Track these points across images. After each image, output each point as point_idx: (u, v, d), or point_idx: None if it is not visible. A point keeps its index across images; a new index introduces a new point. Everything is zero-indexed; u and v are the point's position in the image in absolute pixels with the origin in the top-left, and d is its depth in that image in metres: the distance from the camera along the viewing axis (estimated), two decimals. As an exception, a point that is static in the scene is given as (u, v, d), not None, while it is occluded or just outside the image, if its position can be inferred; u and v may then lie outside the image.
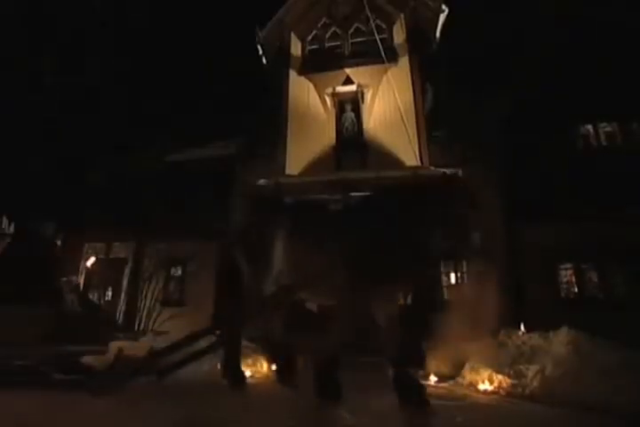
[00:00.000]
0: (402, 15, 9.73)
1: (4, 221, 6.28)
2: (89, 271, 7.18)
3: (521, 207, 8.38)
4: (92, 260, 6.75)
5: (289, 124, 9.47)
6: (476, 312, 3.75)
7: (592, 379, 2.88)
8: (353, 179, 8.19)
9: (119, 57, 12.73)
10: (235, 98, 11.69)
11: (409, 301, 5.15)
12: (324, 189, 8.35)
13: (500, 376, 3.44)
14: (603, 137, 9.99)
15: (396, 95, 9.01)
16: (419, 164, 8.44)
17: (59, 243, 8.44)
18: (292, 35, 10.18)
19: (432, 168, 8.38)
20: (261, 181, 8.67)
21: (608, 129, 9.94)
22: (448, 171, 8.38)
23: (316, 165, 8.88)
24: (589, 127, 10.06)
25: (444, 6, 9.34)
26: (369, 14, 9.48)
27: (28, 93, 11.84)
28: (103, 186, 10.54)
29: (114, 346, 4.25)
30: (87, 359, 3.96)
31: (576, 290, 8.36)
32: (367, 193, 8.13)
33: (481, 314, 3.70)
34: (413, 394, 2.81)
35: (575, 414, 2.61)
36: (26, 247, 7.09)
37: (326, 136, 9.10)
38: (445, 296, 9.84)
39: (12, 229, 6.46)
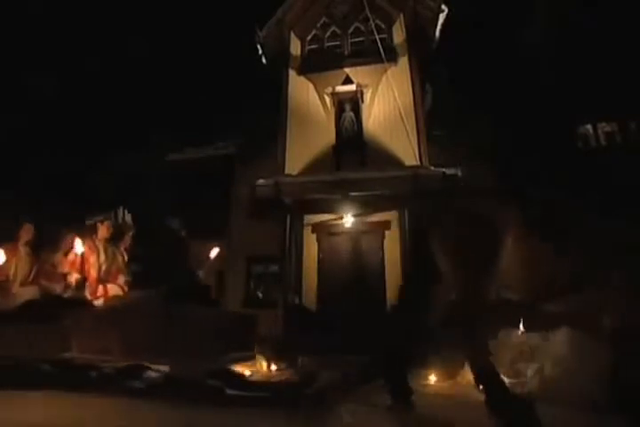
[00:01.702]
0: (401, 15, 9.72)
1: (121, 212, 6.19)
2: (211, 264, 6.87)
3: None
4: (215, 251, 6.53)
5: (288, 123, 9.46)
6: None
7: (591, 378, 2.88)
8: (352, 178, 8.19)
9: (118, 56, 12.72)
10: (234, 98, 11.68)
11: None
12: (323, 189, 8.36)
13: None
14: (602, 137, 10.01)
15: (396, 95, 9.00)
16: (418, 163, 8.43)
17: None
18: (292, 34, 10.16)
19: (432, 168, 8.40)
20: (260, 181, 8.66)
21: (607, 129, 9.95)
22: (447, 170, 8.49)
23: (315, 165, 8.87)
24: (589, 127, 10.08)
25: (443, 6, 9.33)
26: (368, 14, 9.47)
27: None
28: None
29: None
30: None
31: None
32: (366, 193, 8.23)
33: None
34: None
35: (574, 413, 2.62)
36: (168, 243, 7.08)
37: (326, 136, 9.10)
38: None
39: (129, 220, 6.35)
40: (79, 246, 4.82)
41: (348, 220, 8.49)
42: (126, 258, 5.71)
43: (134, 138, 11.56)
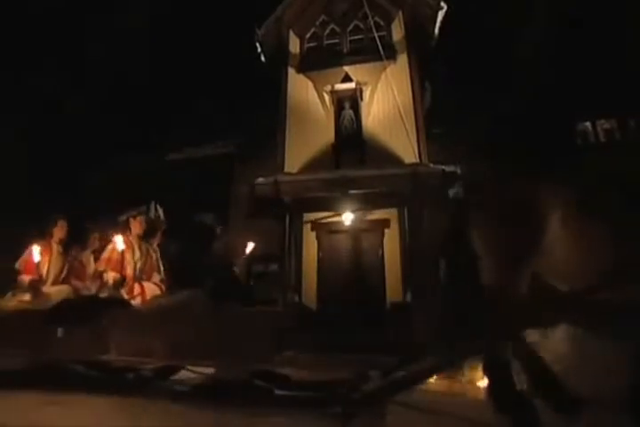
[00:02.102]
0: (400, 12, 9.71)
1: (154, 207, 6.05)
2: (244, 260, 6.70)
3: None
4: (251, 245, 6.34)
5: (287, 121, 9.45)
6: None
7: (591, 376, 2.87)
8: (352, 176, 8.18)
9: (117, 55, 12.69)
10: (233, 96, 11.66)
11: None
12: (322, 187, 8.35)
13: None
14: (602, 134, 10.00)
15: (395, 93, 8.99)
16: (417, 161, 8.43)
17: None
18: (291, 33, 10.15)
19: (431, 165, 8.39)
20: (259, 180, 8.65)
21: (607, 126, 9.94)
22: (447, 168, 8.49)
23: (314, 163, 8.87)
24: (588, 124, 10.06)
25: (442, 3, 9.31)
26: (367, 12, 9.45)
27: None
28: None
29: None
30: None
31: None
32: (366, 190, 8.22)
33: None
34: None
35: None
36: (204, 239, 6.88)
37: (325, 134, 9.09)
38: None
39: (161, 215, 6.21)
40: (120, 243, 4.65)
41: (348, 218, 8.47)
42: (159, 255, 5.38)
43: (134, 138, 11.52)
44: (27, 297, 4.58)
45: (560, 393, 2.25)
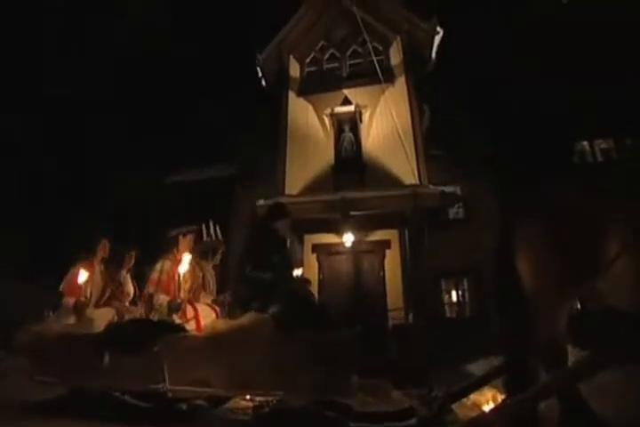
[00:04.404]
0: (398, 38, 9.94)
1: (212, 225, 5.75)
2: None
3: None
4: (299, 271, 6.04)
5: (288, 144, 9.57)
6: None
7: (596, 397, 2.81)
8: (352, 198, 8.22)
9: (119, 77, 12.96)
10: (234, 119, 11.83)
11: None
12: (323, 209, 8.39)
13: (504, 396, 3.38)
14: (599, 153, 10.09)
15: (394, 115, 9.10)
16: (417, 182, 8.48)
17: None
18: (291, 57, 10.38)
19: (430, 186, 8.44)
20: (260, 202, 8.69)
21: (604, 145, 10.05)
22: (447, 189, 8.54)
23: (315, 185, 8.93)
24: (586, 143, 10.18)
25: (438, 28, 9.54)
26: (366, 37, 9.66)
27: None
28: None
29: None
30: None
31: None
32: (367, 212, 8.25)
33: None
34: None
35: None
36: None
37: (325, 156, 9.18)
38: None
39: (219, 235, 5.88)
40: (185, 264, 4.24)
41: (349, 239, 8.48)
42: (214, 275, 4.98)
43: (139, 159, 11.67)
44: (71, 320, 4.32)
45: None
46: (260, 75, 10.66)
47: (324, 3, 10.47)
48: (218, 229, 6.20)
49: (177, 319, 4.28)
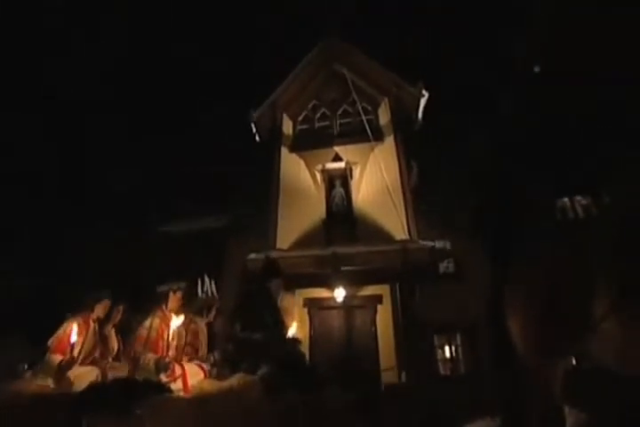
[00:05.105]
0: (386, 99, 10.52)
1: (207, 281, 5.50)
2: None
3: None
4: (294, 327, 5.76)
5: (280, 198, 9.78)
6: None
7: None
8: (343, 253, 8.32)
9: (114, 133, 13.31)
10: (228, 172, 12.11)
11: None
12: (314, 264, 8.44)
13: None
14: (579, 209, 10.46)
15: (383, 171, 9.45)
16: (407, 237, 8.64)
17: None
18: (285, 115, 10.87)
19: (420, 242, 8.60)
20: (251, 256, 8.73)
21: (583, 202, 10.44)
22: (437, 244, 8.71)
23: (306, 239, 9.04)
24: (567, 200, 10.57)
25: (424, 91, 10.15)
26: (355, 98, 10.25)
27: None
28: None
29: None
30: None
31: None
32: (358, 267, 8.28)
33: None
34: None
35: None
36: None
37: (316, 211, 9.37)
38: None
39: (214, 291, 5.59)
40: (176, 320, 4.13)
41: (340, 294, 8.48)
42: (205, 333, 4.86)
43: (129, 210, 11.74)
44: (49, 382, 4.07)
45: None
46: (254, 130, 11.08)
47: (317, 65, 11.13)
48: (213, 284, 6.12)
49: (164, 378, 4.20)
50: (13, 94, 12.55)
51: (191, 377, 4.33)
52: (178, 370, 4.29)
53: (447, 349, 9.68)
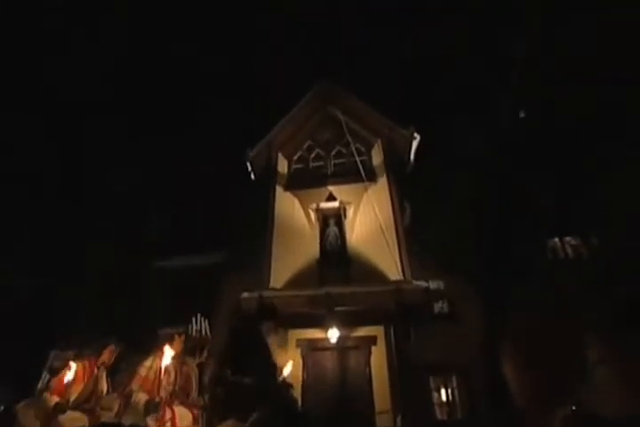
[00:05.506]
0: (379, 140, 10.87)
1: (199, 321, 5.40)
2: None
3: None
4: (289, 366, 5.53)
5: (274, 236, 9.83)
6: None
7: None
8: (337, 293, 8.29)
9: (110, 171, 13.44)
10: (221, 209, 12.20)
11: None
12: (307, 304, 8.39)
13: None
14: (569, 249, 10.63)
15: (377, 211, 9.60)
16: (401, 278, 8.67)
17: None
18: (280, 155, 11.12)
19: (414, 282, 8.63)
20: (245, 295, 8.67)
21: (573, 242, 10.64)
22: (431, 284, 8.74)
23: (299, 279, 9.02)
24: (557, 240, 10.76)
25: (416, 134, 10.51)
26: (349, 139, 10.57)
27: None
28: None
29: None
30: None
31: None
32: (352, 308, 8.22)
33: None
34: None
35: None
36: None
37: (310, 249, 9.42)
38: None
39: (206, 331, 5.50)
40: (168, 356, 4.03)
41: (334, 335, 8.38)
42: (197, 375, 4.80)
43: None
44: (37, 424, 4.01)
45: None
46: (249, 169, 11.29)
47: (313, 107, 11.53)
48: (206, 324, 6.05)
49: (151, 421, 4.16)
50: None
51: (180, 421, 4.26)
52: (168, 414, 4.25)
53: (443, 391, 9.49)
